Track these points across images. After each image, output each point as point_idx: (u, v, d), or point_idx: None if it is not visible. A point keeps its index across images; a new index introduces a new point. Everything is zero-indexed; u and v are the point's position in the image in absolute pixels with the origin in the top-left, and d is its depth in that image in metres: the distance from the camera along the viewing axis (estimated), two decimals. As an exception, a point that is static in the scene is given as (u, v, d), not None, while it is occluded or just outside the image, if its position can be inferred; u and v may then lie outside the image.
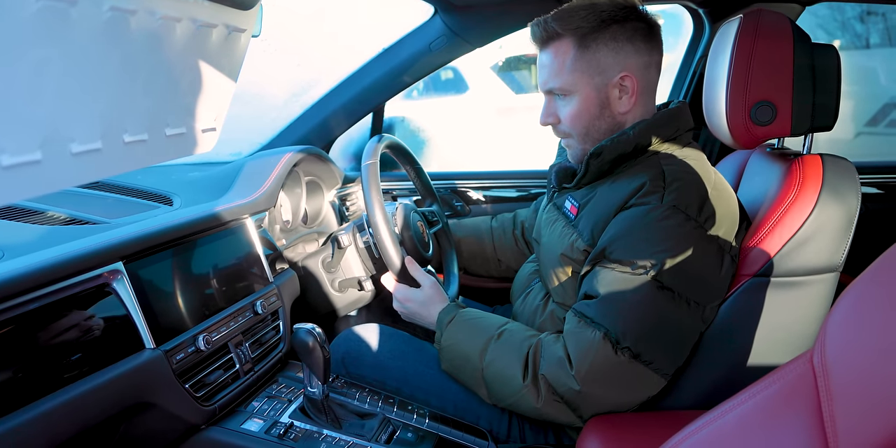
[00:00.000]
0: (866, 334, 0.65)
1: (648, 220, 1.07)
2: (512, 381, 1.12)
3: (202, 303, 1.10)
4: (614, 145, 1.16)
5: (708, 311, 1.10)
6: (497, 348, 1.15)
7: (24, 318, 0.81)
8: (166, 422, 1.02)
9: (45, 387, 0.82)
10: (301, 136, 1.87)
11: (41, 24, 0.48)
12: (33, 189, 0.55)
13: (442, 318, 1.24)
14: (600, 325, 1.06)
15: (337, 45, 2.54)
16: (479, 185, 2.10)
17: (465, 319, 1.23)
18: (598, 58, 1.16)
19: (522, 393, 1.11)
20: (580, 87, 1.17)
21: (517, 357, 1.13)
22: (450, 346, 1.21)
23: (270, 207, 1.40)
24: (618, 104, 1.19)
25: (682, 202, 1.07)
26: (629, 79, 1.16)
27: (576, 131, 1.22)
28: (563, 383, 1.08)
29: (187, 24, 0.67)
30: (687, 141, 1.21)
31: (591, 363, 1.06)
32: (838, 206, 1.10)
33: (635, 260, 1.06)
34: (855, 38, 4.82)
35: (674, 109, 1.21)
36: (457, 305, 1.28)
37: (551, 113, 1.23)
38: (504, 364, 1.14)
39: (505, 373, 1.13)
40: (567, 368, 1.07)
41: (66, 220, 1.09)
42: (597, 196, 1.18)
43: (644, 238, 1.07)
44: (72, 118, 0.56)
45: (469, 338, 1.19)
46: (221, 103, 0.85)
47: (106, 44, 0.57)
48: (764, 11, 1.17)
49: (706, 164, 1.17)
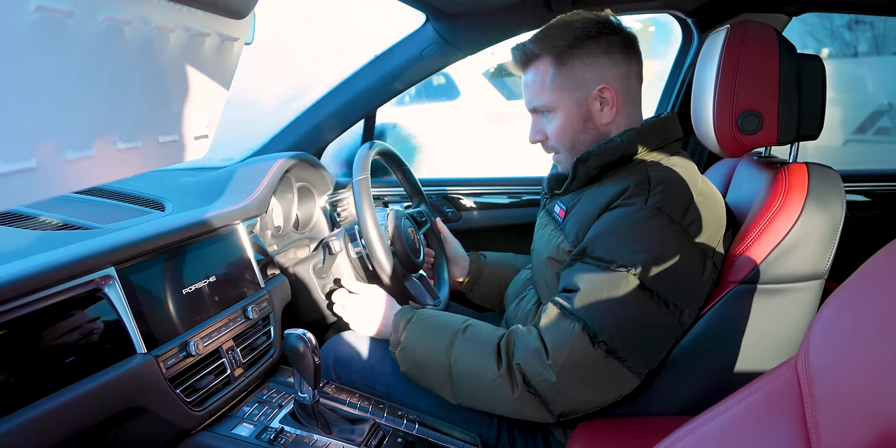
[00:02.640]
0: (849, 341, 0.66)
1: (632, 221, 1.08)
2: (485, 373, 1.10)
3: (193, 308, 1.11)
4: (601, 151, 1.19)
5: (686, 314, 1.11)
6: (465, 342, 1.14)
7: (15, 324, 0.81)
8: (157, 426, 1.02)
9: (36, 391, 0.82)
10: (293, 141, 1.87)
11: (37, 35, 0.49)
12: (28, 196, 0.56)
13: (398, 318, 1.22)
14: (579, 318, 1.06)
15: (329, 52, 2.55)
16: (471, 191, 2.11)
17: (424, 317, 1.21)
18: (576, 73, 1.20)
19: (497, 383, 1.09)
20: (562, 102, 1.21)
21: (488, 349, 1.12)
22: (411, 345, 1.18)
23: (262, 213, 1.41)
24: (600, 116, 1.22)
25: (666, 205, 1.08)
26: (608, 90, 1.20)
27: (563, 146, 1.25)
28: (537, 374, 1.07)
29: (181, 34, 0.68)
30: (676, 150, 1.23)
31: (569, 355, 1.05)
32: (823, 214, 1.11)
33: (617, 258, 1.07)
34: (844, 46, 4.88)
35: (663, 119, 1.23)
36: (412, 306, 1.27)
37: (539, 130, 1.28)
38: (475, 357, 1.12)
39: (476, 366, 1.11)
40: (543, 358, 1.06)
41: (58, 226, 1.09)
42: (583, 199, 1.20)
43: (627, 237, 1.08)
44: (66, 126, 0.57)
45: (432, 335, 1.18)
46: (214, 111, 0.86)
47: (101, 53, 0.57)
48: (751, 22, 1.19)
49: (694, 172, 1.19)
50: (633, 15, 1.20)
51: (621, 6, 1.81)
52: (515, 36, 1.84)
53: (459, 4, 1.60)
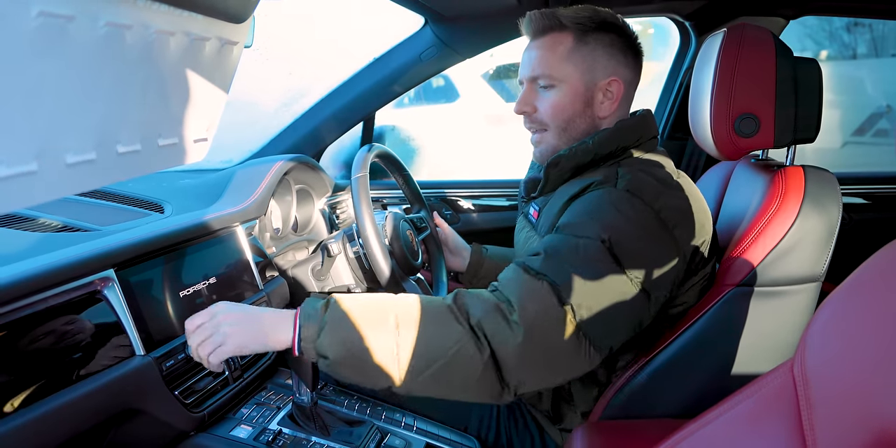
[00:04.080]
0: (844, 344, 0.66)
1: (603, 201, 1.04)
2: (445, 335, 0.92)
3: (192, 310, 1.10)
4: (572, 155, 1.16)
5: (652, 303, 1.02)
6: (408, 307, 0.95)
7: (15, 325, 0.81)
8: (155, 428, 1.02)
9: (36, 393, 0.83)
10: (292, 144, 1.88)
11: (39, 40, 0.49)
12: (29, 199, 0.56)
13: (309, 307, 0.97)
14: (546, 276, 0.96)
15: (328, 55, 2.56)
16: (469, 193, 2.12)
17: (344, 297, 0.98)
18: (595, 56, 1.16)
19: (462, 345, 0.91)
20: (571, 78, 1.17)
21: (440, 308, 0.95)
22: (337, 326, 0.93)
23: (261, 215, 1.41)
24: (600, 107, 1.19)
25: (636, 189, 1.04)
26: (616, 84, 1.17)
27: (555, 123, 1.20)
28: (500, 331, 0.92)
29: (181, 38, 0.68)
30: (650, 147, 1.20)
31: (536, 311, 0.93)
32: (820, 217, 1.11)
33: (587, 232, 1.00)
34: (843, 48, 4.89)
35: (636, 118, 1.20)
36: (319, 295, 1.09)
37: (529, 102, 1.21)
38: (427, 318, 0.94)
39: (431, 328, 0.93)
40: (507, 314, 0.93)
41: (58, 228, 1.09)
42: (554, 197, 1.19)
43: (596, 215, 1.02)
44: (67, 130, 0.57)
45: (362, 309, 0.95)
46: (213, 114, 0.86)
47: (101, 58, 0.58)
48: (747, 26, 1.19)
49: (669, 168, 1.15)
50: (631, 18, 1.21)
51: (619, 9, 1.82)
52: (513, 39, 1.85)
53: (458, 7, 1.60)
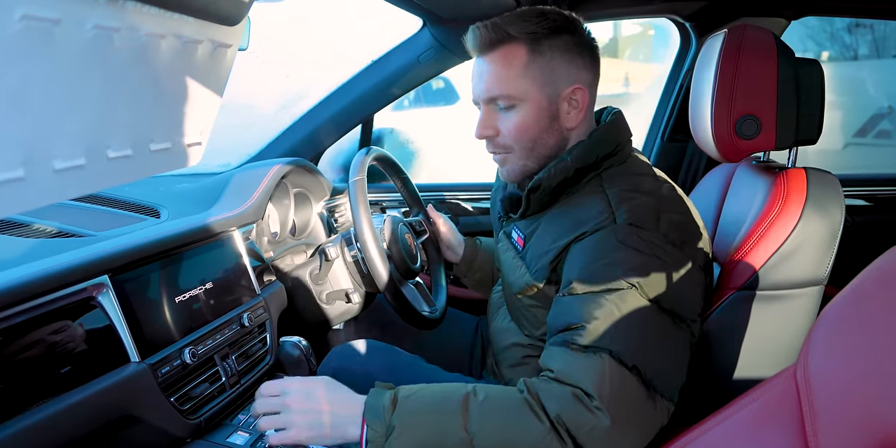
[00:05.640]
0: (848, 349, 0.65)
1: (609, 244, 0.98)
2: (527, 434, 0.89)
3: (188, 316, 1.10)
4: (552, 176, 1.09)
5: (692, 326, 1.01)
6: (483, 407, 0.91)
7: (8, 332, 0.80)
8: (151, 435, 1.01)
9: (29, 400, 0.82)
10: (290, 147, 1.87)
11: (24, 43, 0.48)
12: (16, 206, 0.55)
13: (374, 401, 0.93)
14: (601, 348, 0.91)
15: (326, 57, 2.55)
16: (468, 196, 2.11)
17: (413, 391, 0.95)
18: (553, 65, 1.08)
19: (547, 441, 0.88)
20: (531, 95, 1.08)
21: (516, 405, 0.91)
22: (410, 428, 0.90)
23: (258, 219, 1.40)
24: (566, 118, 1.11)
25: (636, 219, 0.99)
26: (581, 92, 1.10)
27: (520, 145, 1.12)
28: (586, 422, 0.87)
29: (172, 41, 0.67)
30: (628, 153, 1.15)
31: (612, 390, 0.88)
32: (822, 220, 1.10)
33: (609, 284, 0.95)
34: (844, 49, 4.88)
35: (610, 124, 1.14)
36: (382, 385, 0.98)
37: (490, 125, 1.13)
38: (504, 419, 0.90)
39: (511, 429, 0.89)
40: (587, 401, 0.88)
41: (52, 233, 1.08)
42: (540, 227, 1.12)
43: (610, 261, 0.97)
44: (55, 135, 0.56)
45: (435, 407, 0.92)
46: (207, 118, 0.85)
47: (89, 61, 0.57)
48: (748, 27, 1.18)
49: (652, 177, 1.11)
50: (630, 19, 1.20)
51: (619, 11, 1.81)
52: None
53: (456, 9, 1.59)
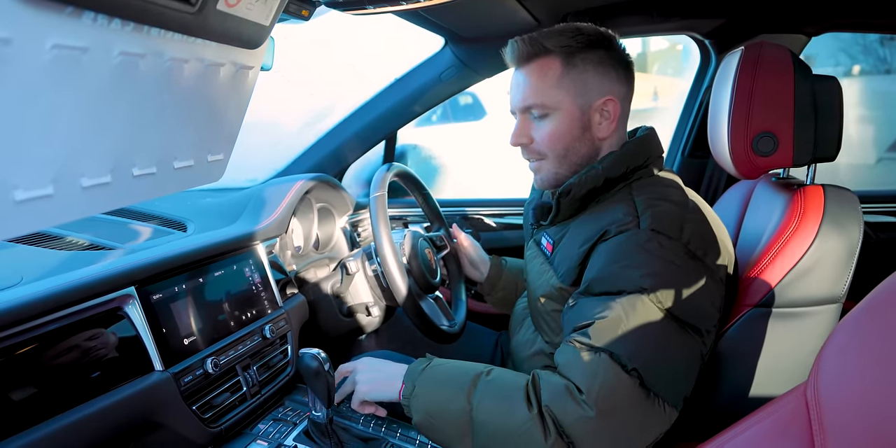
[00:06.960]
0: (859, 367, 0.65)
1: (630, 246, 1.02)
2: (513, 416, 0.98)
3: (212, 327, 1.13)
4: (582, 182, 1.14)
5: (706, 337, 1.03)
6: (489, 383, 1.04)
7: (38, 341, 0.84)
8: (173, 442, 1.04)
9: (57, 406, 0.85)
10: (315, 163, 1.91)
11: (54, 71, 0.52)
12: (45, 221, 0.59)
13: (414, 367, 1.12)
14: (603, 349, 0.97)
15: (349, 75, 2.60)
16: (490, 212, 2.13)
17: (442, 363, 1.12)
18: (585, 78, 1.14)
19: (526, 428, 0.97)
20: (565, 104, 1.15)
21: (516, 389, 1.01)
22: (428, 390, 1.06)
23: (281, 234, 1.44)
24: (598, 129, 1.17)
25: (660, 225, 1.03)
26: (612, 103, 1.15)
27: (554, 152, 1.19)
28: (571, 412, 0.95)
29: (195, 64, 0.71)
30: (658, 167, 1.18)
31: (602, 385, 0.94)
32: (839, 237, 1.10)
33: (625, 286, 0.99)
34: (878, 62, 4.80)
35: (641, 138, 1.18)
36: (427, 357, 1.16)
37: (525, 133, 1.21)
38: (502, 398, 1.01)
39: (503, 408, 1.00)
40: (575, 394, 0.96)
41: (84, 246, 1.13)
42: (569, 232, 1.16)
43: (629, 263, 1.01)
44: (82, 155, 0.60)
45: (452, 378, 1.07)
46: (230, 135, 0.89)
47: (116, 86, 0.60)
48: (765, 43, 1.19)
49: (681, 189, 1.14)
50: (650, 36, 1.21)
51: (639, 28, 1.82)
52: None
53: (476, 28, 1.62)
